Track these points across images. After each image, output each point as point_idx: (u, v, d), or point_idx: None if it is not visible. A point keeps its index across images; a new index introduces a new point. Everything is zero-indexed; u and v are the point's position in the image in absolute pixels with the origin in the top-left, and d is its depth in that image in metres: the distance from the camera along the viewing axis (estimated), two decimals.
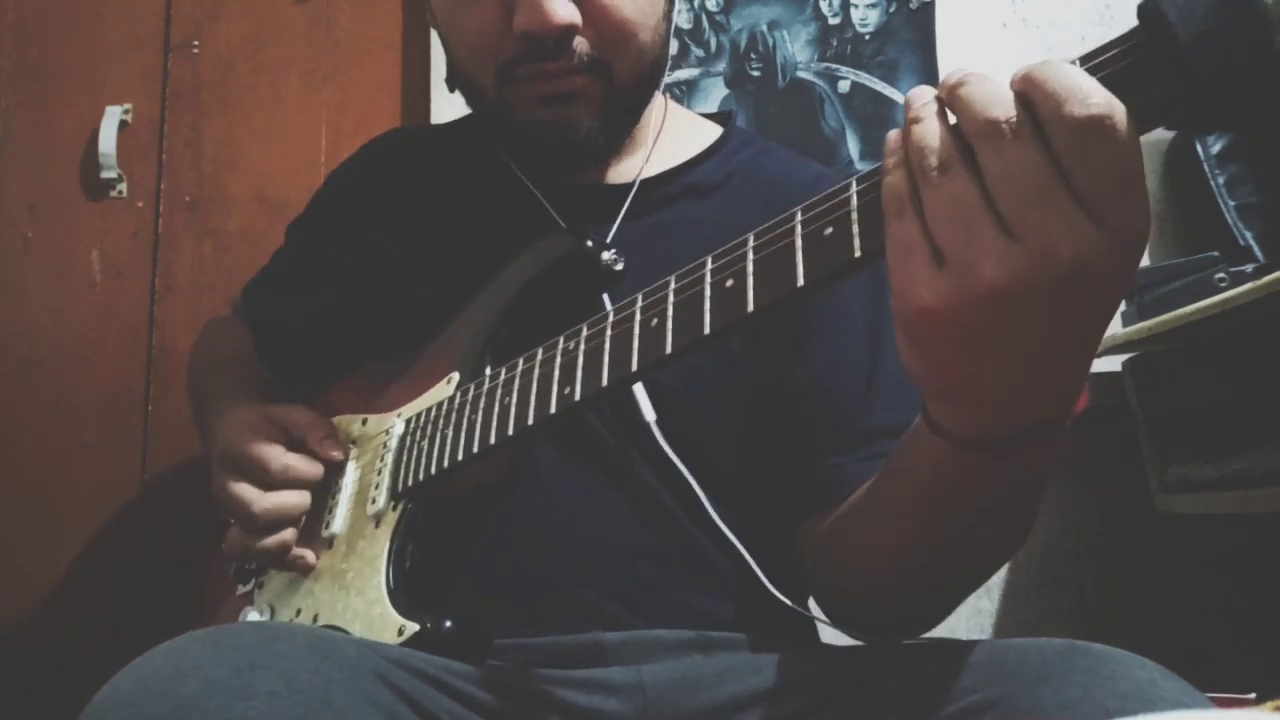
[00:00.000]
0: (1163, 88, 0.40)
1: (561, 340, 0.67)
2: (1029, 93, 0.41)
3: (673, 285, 0.58)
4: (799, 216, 0.52)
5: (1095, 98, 0.40)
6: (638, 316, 0.60)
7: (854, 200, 0.49)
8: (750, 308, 0.52)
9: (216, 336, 1.09)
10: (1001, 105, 0.42)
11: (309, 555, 0.79)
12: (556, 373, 0.65)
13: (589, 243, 0.78)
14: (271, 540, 0.77)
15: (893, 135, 0.46)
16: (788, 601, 0.72)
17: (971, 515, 0.57)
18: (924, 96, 0.46)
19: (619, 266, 0.77)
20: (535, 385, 0.67)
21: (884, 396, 0.76)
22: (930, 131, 0.44)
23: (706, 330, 0.54)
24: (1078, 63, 0.42)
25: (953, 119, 0.44)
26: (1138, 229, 0.41)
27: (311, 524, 0.82)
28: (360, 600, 0.73)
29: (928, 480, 0.57)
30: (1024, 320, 0.42)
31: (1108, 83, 0.40)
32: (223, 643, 0.53)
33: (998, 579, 1.40)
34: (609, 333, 0.62)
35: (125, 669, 0.53)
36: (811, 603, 0.80)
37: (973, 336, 0.44)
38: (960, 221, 0.42)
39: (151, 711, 0.48)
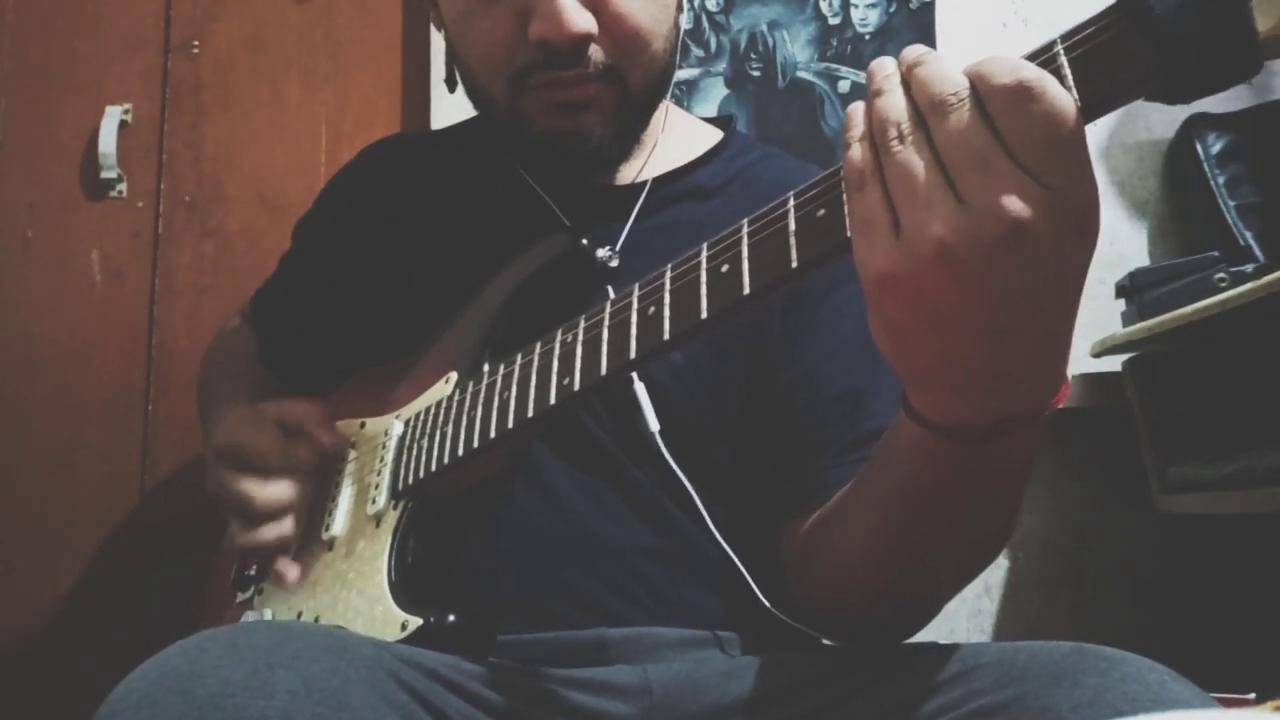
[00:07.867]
0: (1141, 60, 0.41)
1: (559, 333, 0.67)
2: (974, 77, 0.44)
3: (669, 273, 0.58)
4: (792, 201, 0.53)
5: (1026, 70, 0.42)
6: (635, 305, 0.60)
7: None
8: (746, 290, 0.52)
9: (225, 346, 1.10)
10: (949, 82, 0.44)
11: (291, 570, 0.79)
12: (555, 364, 0.65)
13: (584, 240, 0.78)
14: (272, 531, 0.77)
15: (856, 108, 0.48)
16: (780, 614, 0.72)
17: (951, 508, 0.57)
18: (886, 69, 0.47)
19: (614, 264, 0.78)
20: (534, 378, 0.67)
21: (877, 401, 0.75)
22: (892, 104, 0.46)
23: (704, 315, 0.55)
24: (1059, 40, 0.44)
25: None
26: (1076, 194, 0.42)
27: (311, 527, 0.82)
28: (361, 599, 0.73)
29: (907, 472, 0.57)
30: (980, 289, 0.43)
31: (1087, 57, 0.42)
32: (240, 642, 0.52)
33: (997, 579, 1.40)
34: (607, 323, 0.62)
35: (141, 667, 0.52)
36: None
37: (932, 308, 0.45)
38: (912, 187, 0.44)
39: (170, 711, 0.48)
